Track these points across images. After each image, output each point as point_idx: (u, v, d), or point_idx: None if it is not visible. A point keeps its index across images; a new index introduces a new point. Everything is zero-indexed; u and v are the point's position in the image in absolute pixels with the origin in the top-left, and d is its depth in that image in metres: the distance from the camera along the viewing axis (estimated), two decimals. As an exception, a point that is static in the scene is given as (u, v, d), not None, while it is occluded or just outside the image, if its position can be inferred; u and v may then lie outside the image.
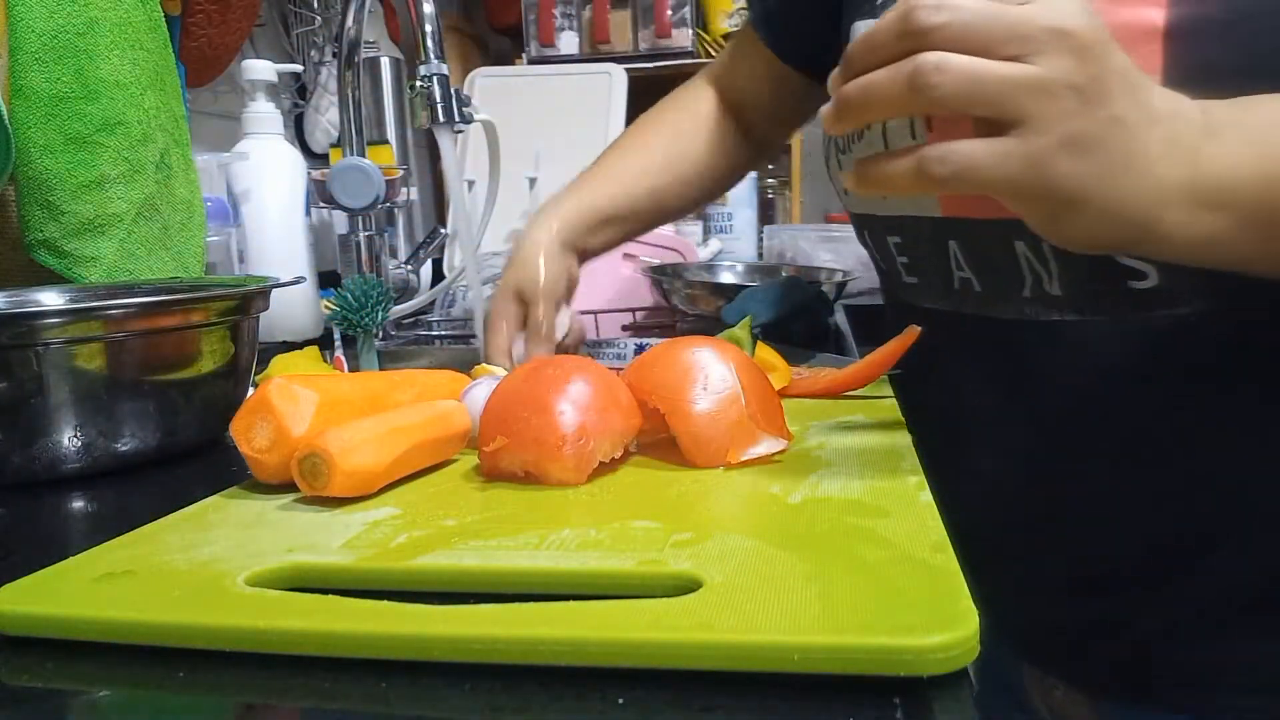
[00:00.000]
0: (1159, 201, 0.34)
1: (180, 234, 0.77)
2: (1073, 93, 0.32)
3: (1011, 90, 0.32)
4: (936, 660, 0.24)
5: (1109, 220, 0.34)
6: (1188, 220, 0.35)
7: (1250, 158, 0.35)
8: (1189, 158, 0.35)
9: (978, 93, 0.32)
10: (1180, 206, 0.35)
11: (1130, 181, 0.34)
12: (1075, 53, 0.32)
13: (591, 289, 0.99)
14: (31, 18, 0.65)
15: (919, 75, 0.32)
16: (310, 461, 0.38)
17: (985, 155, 0.33)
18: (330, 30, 1.43)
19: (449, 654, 0.26)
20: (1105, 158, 0.33)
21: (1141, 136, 0.34)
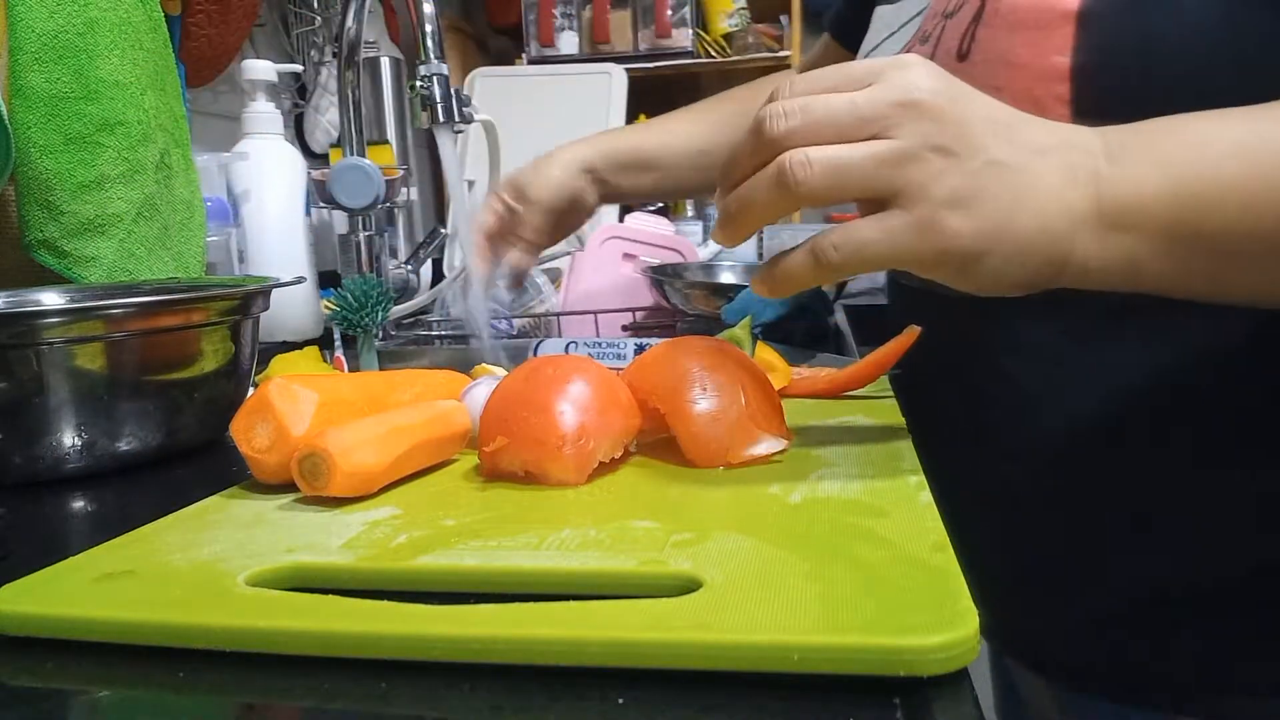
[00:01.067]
0: (1066, 231, 0.35)
1: (180, 234, 0.77)
2: (937, 154, 0.33)
3: (875, 167, 0.33)
4: (936, 660, 0.24)
5: (1019, 261, 0.35)
6: (1100, 246, 0.35)
7: (1156, 176, 0.35)
8: (1089, 182, 0.35)
9: (845, 177, 0.33)
10: (1089, 232, 0.35)
11: (1027, 219, 0.34)
12: (929, 116, 0.33)
13: (592, 289, 0.99)
14: (31, 18, 0.65)
15: (785, 174, 0.34)
16: (310, 461, 0.38)
17: (874, 232, 0.34)
18: (330, 30, 1.43)
19: (449, 654, 0.26)
20: (992, 204, 0.34)
21: (1029, 172, 0.34)
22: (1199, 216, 0.35)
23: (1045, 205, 0.35)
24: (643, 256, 1.02)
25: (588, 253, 1.03)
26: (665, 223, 1.16)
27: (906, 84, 0.34)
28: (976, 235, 0.34)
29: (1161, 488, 0.48)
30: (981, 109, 0.35)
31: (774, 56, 1.75)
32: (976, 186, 0.34)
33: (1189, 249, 0.35)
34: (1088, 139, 0.36)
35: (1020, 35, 0.44)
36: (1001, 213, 0.34)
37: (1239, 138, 0.35)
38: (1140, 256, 0.36)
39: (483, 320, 0.70)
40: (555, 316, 0.94)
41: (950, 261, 0.35)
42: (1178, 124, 0.37)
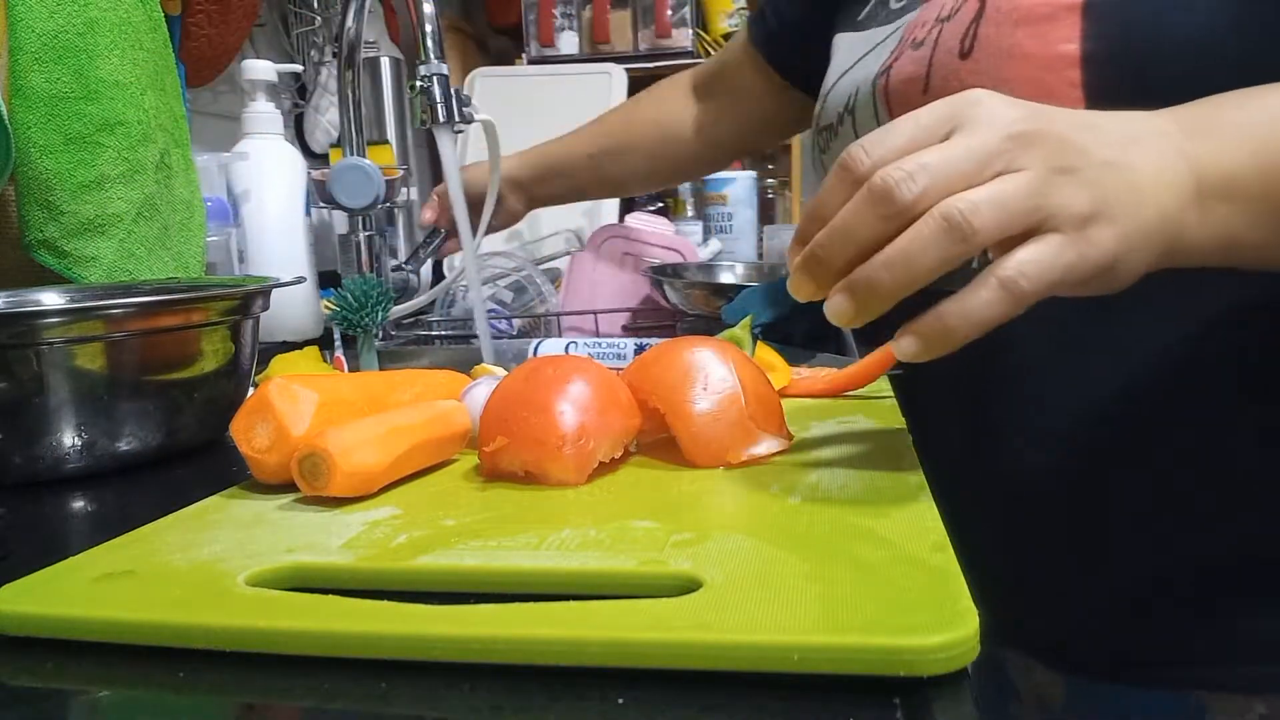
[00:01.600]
0: (1177, 211, 0.36)
1: (180, 234, 0.77)
2: (1061, 174, 0.33)
3: (1029, 198, 0.33)
4: (936, 660, 0.24)
5: (1149, 250, 0.35)
6: (1202, 220, 0.36)
7: (1240, 147, 0.36)
8: (1181, 161, 0.36)
9: (1009, 212, 0.32)
10: (1193, 208, 0.36)
11: (1150, 210, 0.35)
12: (1037, 142, 0.34)
13: (592, 289, 0.99)
14: (31, 18, 0.65)
15: (956, 222, 0.32)
16: (310, 461, 0.38)
17: (1048, 256, 0.33)
18: (330, 30, 1.42)
19: (449, 654, 0.26)
20: (1121, 205, 0.34)
21: (1133, 165, 0.35)
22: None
23: (1158, 192, 0.35)
24: (643, 256, 1.02)
25: (588, 253, 1.03)
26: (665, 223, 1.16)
27: (996, 118, 0.34)
28: (1118, 239, 0.34)
29: (1164, 477, 0.48)
30: (1066, 118, 0.35)
31: (774, 56, 1.74)
32: (1104, 193, 0.34)
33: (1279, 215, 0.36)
34: (1160, 122, 0.37)
35: (1024, 29, 0.46)
36: (1129, 211, 0.34)
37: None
38: (1237, 227, 0.36)
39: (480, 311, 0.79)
40: (555, 316, 0.94)
41: (1103, 270, 0.34)
42: (1237, 99, 0.38)
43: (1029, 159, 0.33)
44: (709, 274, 1.09)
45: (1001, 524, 0.54)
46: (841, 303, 0.34)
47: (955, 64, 0.49)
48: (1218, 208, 0.36)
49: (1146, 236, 0.35)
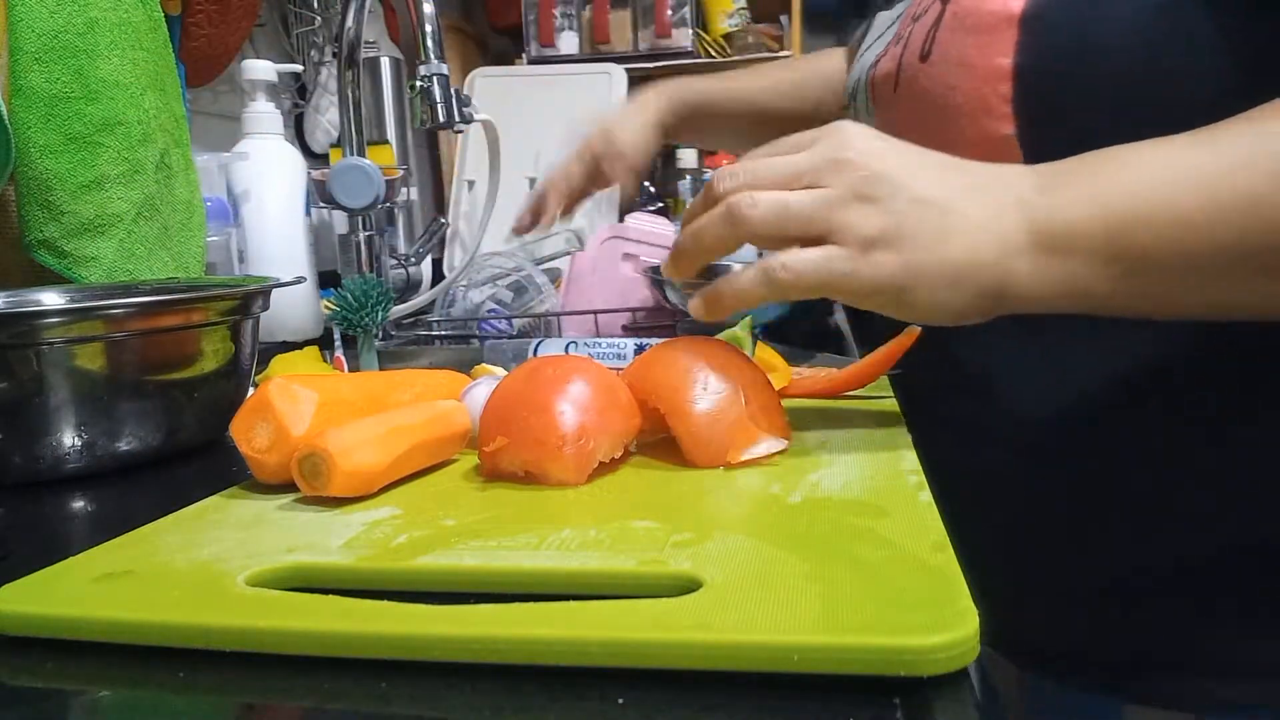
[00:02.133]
0: (996, 257, 0.37)
1: (180, 234, 0.77)
2: (862, 200, 0.37)
3: (811, 208, 0.38)
4: (936, 660, 0.24)
5: (951, 290, 0.37)
6: (1037, 268, 0.37)
7: (1086, 199, 0.37)
8: (1019, 212, 0.37)
9: (784, 215, 0.38)
10: (1025, 256, 0.37)
11: (953, 250, 0.37)
12: (854, 169, 0.38)
13: (592, 289, 0.99)
14: (31, 18, 0.65)
15: (734, 210, 0.39)
16: (310, 461, 0.38)
17: (817, 259, 0.38)
18: (330, 30, 1.42)
19: (449, 654, 0.26)
20: (916, 239, 0.37)
21: (955, 208, 0.37)
22: (1133, 234, 0.36)
23: (973, 235, 0.37)
24: (643, 257, 1.02)
25: (588, 253, 1.03)
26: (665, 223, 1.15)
27: (835, 144, 0.39)
28: (902, 267, 0.37)
29: (1154, 473, 0.48)
30: (911, 159, 0.39)
31: (774, 56, 1.74)
32: (900, 224, 0.37)
33: (1129, 268, 0.36)
34: (1019, 174, 0.39)
35: (972, 38, 0.46)
36: (926, 246, 0.37)
37: (1171, 160, 0.37)
38: (1081, 278, 0.37)
39: None
40: (555, 316, 0.94)
41: (883, 291, 0.38)
42: (1111, 153, 0.38)
43: (834, 180, 0.38)
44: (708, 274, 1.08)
45: (995, 526, 0.54)
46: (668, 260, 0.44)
47: (917, 66, 0.50)
48: (1053, 258, 0.37)
49: (946, 275, 0.37)
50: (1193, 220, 0.35)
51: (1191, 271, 0.36)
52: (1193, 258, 0.36)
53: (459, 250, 1.31)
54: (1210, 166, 0.36)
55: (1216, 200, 0.35)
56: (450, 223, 1.29)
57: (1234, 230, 0.35)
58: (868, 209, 0.37)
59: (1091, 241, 0.36)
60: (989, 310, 0.38)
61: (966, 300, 0.38)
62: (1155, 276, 0.37)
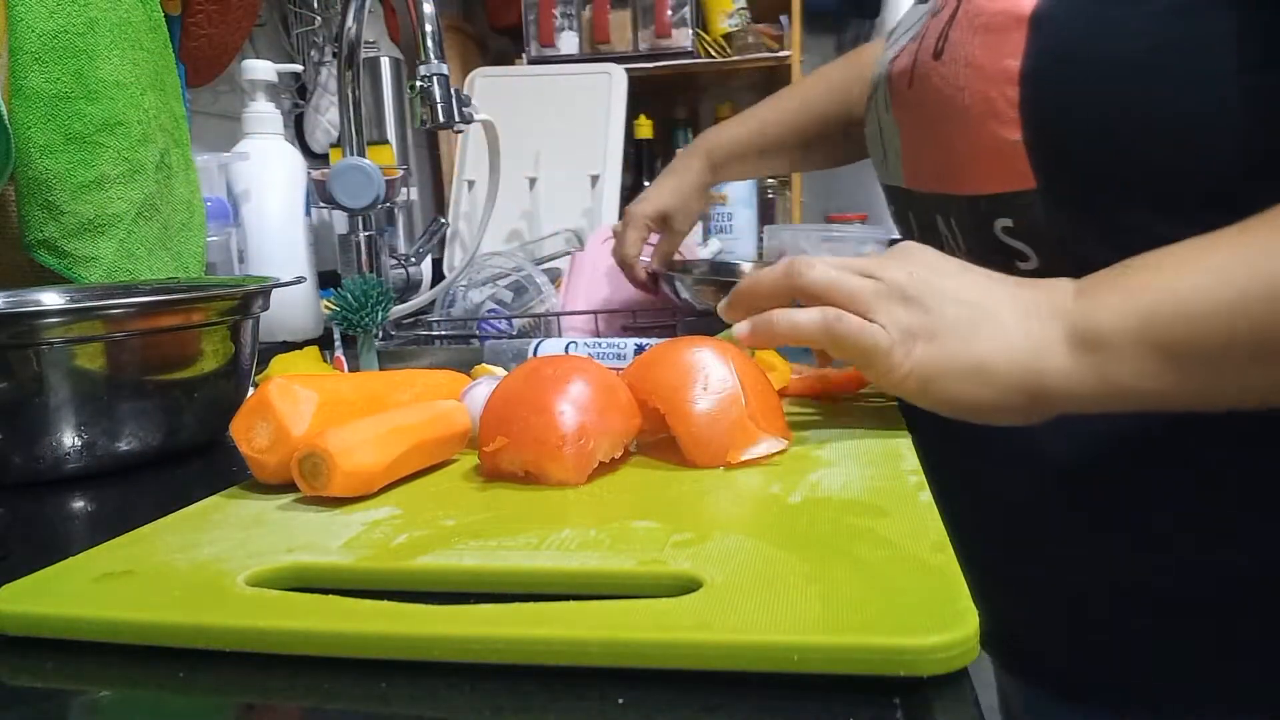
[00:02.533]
0: (1030, 354, 0.38)
1: (180, 234, 0.77)
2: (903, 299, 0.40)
3: (860, 289, 0.41)
4: (936, 660, 0.24)
5: (980, 382, 0.38)
6: (1074, 367, 0.37)
7: (1122, 298, 0.37)
8: (1055, 314, 0.38)
9: (835, 284, 0.41)
10: (1061, 355, 0.38)
11: (983, 343, 0.38)
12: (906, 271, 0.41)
13: (591, 289, 0.99)
14: (31, 18, 0.65)
15: (793, 265, 0.43)
16: (310, 461, 0.38)
17: (869, 327, 0.40)
18: (330, 30, 1.42)
19: (449, 654, 0.26)
20: (948, 334, 0.39)
21: (990, 310, 0.39)
22: (1168, 326, 0.36)
23: (1005, 332, 0.38)
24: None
25: (588, 253, 1.03)
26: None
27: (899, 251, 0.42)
28: (930, 357, 0.39)
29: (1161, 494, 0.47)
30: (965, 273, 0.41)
31: (774, 56, 1.74)
32: (936, 321, 0.39)
33: (1166, 362, 0.36)
34: (1061, 284, 0.39)
35: (982, 37, 0.45)
36: (957, 340, 0.39)
37: (1205, 254, 0.37)
38: (1118, 374, 0.37)
39: None
40: (555, 316, 0.94)
41: (911, 378, 0.39)
42: (1148, 255, 0.38)
43: (886, 276, 0.41)
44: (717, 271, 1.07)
45: (1000, 538, 0.53)
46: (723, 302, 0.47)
47: (930, 63, 0.49)
48: (1089, 355, 0.37)
49: (970, 366, 0.38)
50: (1228, 310, 0.35)
51: (1230, 363, 0.36)
52: (1230, 349, 0.35)
53: (459, 250, 1.31)
54: (1243, 259, 0.35)
55: (1248, 291, 0.35)
56: (450, 223, 1.29)
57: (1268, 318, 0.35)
58: (911, 306, 0.40)
59: (1125, 335, 0.36)
60: (1027, 409, 0.39)
61: (996, 395, 0.38)
62: (1194, 369, 0.36)
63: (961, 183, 0.48)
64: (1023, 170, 0.45)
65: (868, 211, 1.73)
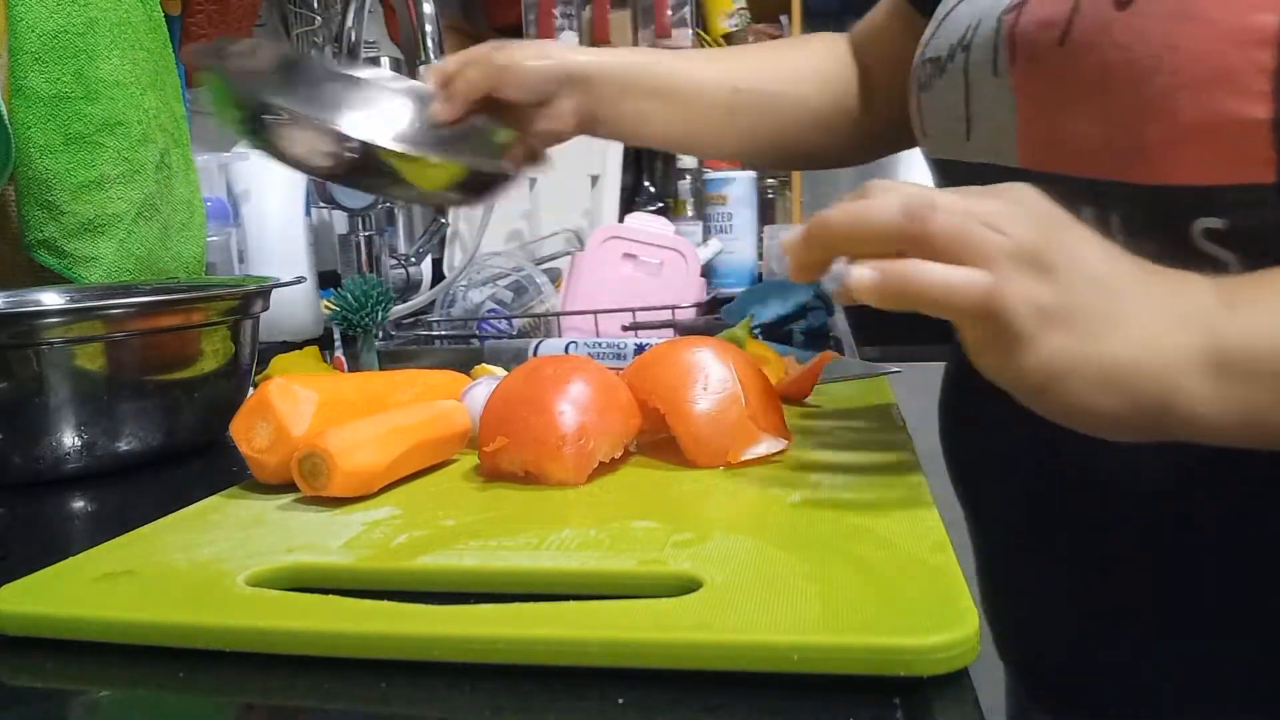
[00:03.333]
0: (1166, 370, 0.32)
1: (180, 234, 0.77)
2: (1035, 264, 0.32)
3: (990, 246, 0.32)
4: (936, 660, 0.24)
5: (1107, 390, 0.32)
6: (1213, 393, 0.32)
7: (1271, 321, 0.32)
8: (1201, 327, 0.33)
9: (966, 234, 0.32)
10: (1200, 377, 0.32)
11: (1118, 346, 0.32)
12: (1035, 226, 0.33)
13: (592, 289, 0.99)
14: (31, 18, 0.65)
15: (912, 204, 0.32)
16: (310, 461, 0.38)
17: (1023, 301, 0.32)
18: (330, 30, 1.42)
19: (449, 654, 0.26)
20: (1087, 325, 0.32)
21: (1131, 295, 0.33)
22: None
23: (1145, 335, 0.32)
24: (643, 257, 1.02)
25: (588, 253, 1.03)
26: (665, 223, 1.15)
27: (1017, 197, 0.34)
28: (1068, 352, 0.32)
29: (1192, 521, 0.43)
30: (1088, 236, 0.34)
31: (774, 56, 1.74)
32: (1069, 302, 0.32)
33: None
34: (1203, 285, 0.34)
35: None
36: (1094, 334, 0.32)
37: None
38: (1261, 409, 0.32)
39: None
40: (555, 316, 0.94)
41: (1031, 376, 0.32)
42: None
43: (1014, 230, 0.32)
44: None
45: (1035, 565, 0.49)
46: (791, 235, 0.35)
47: (1109, 14, 0.39)
48: (1234, 384, 0.32)
49: (1102, 370, 0.32)
50: None
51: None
52: None
53: (459, 250, 1.30)
54: None
55: None
56: (450, 223, 1.29)
57: None
58: (1045, 278, 0.32)
59: (1275, 365, 0.32)
60: (1147, 428, 0.33)
61: (1118, 407, 0.33)
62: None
63: (1148, 170, 0.39)
64: (1262, 157, 0.35)
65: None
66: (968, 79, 0.47)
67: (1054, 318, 0.32)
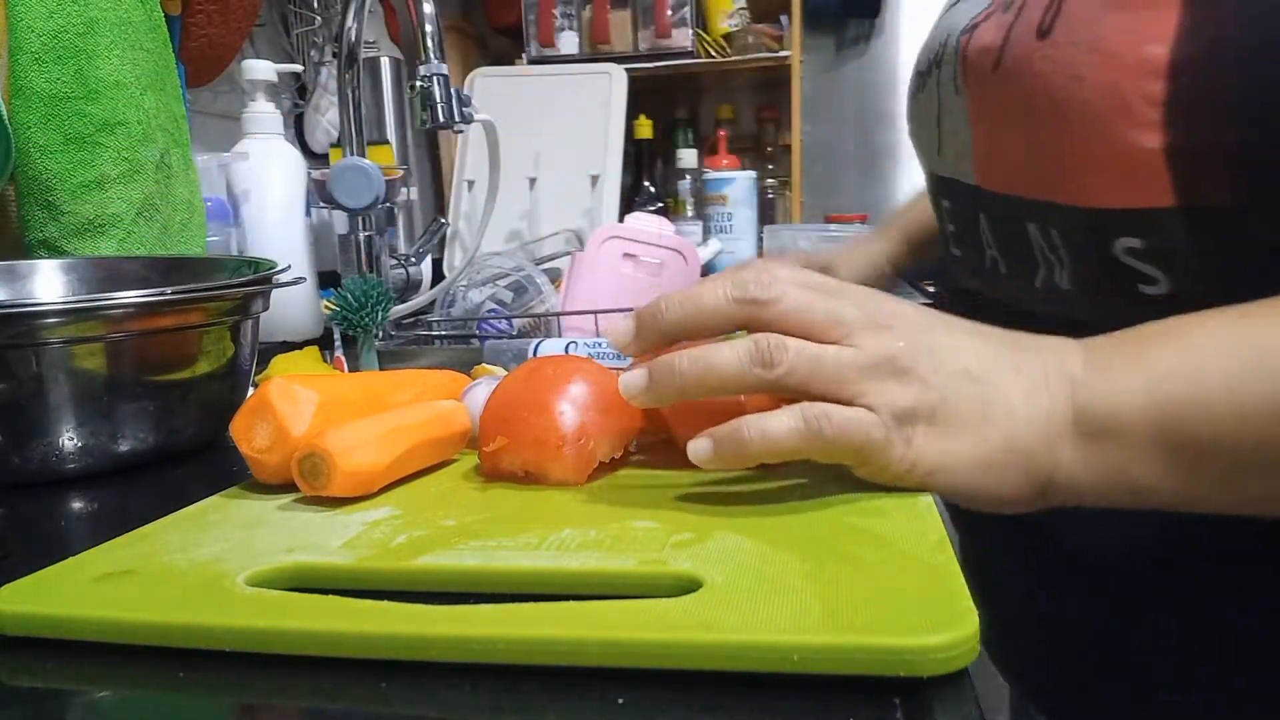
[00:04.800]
0: (1039, 442, 0.33)
1: (180, 234, 0.77)
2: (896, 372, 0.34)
3: (846, 368, 0.34)
4: (936, 660, 0.24)
5: (991, 472, 0.34)
6: (1082, 457, 0.33)
7: (1137, 382, 0.33)
8: (1067, 392, 0.34)
9: (816, 369, 0.34)
10: (1068, 443, 0.33)
11: (994, 432, 0.34)
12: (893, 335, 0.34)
13: (592, 289, 0.99)
14: (31, 18, 0.65)
15: (765, 356, 0.34)
16: (310, 461, 0.38)
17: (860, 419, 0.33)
18: (330, 30, 1.42)
19: (449, 654, 0.26)
20: (954, 418, 0.34)
21: (998, 383, 0.34)
22: (1190, 424, 0.32)
23: (1014, 415, 0.34)
24: (643, 256, 1.02)
25: (588, 253, 1.03)
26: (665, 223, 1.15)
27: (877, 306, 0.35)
28: (938, 448, 0.34)
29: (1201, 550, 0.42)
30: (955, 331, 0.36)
31: (774, 56, 1.74)
32: (937, 401, 0.34)
33: (1184, 460, 0.32)
34: (1069, 350, 0.35)
35: (1115, 15, 0.36)
36: (964, 426, 0.34)
37: (1237, 338, 0.32)
38: (1132, 470, 0.33)
39: None
40: (555, 316, 0.94)
41: (916, 469, 0.34)
42: (1172, 326, 0.34)
43: (869, 344, 0.34)
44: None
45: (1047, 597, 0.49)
46: (636, 377, 0.36)
47: (1032, 43, 0.40)
48: (1100, 445, 0.33)
49: (982, 459, 0.33)
50: (1257, 409, 0.31)
51: (1257, 467, 0.32)
52: (1258, 452, 0.31)
53: (459, 250, 1.31)
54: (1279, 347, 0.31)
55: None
56: (450, 223, 1.29)
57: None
58: (905, 380, 0.34)
59: (1141, 429, 0.32)
60: (1033, 500, 0.35)
61: (1003, 484, 0.34)
62: (1217, 471, 0.32)
63: (1071, 192, 0.40)
64: (1159, 185, 0.36)
65: (868, 212, 1.73)
66: (940, 96, 0.49)
67: (917, 414, 0.34)
